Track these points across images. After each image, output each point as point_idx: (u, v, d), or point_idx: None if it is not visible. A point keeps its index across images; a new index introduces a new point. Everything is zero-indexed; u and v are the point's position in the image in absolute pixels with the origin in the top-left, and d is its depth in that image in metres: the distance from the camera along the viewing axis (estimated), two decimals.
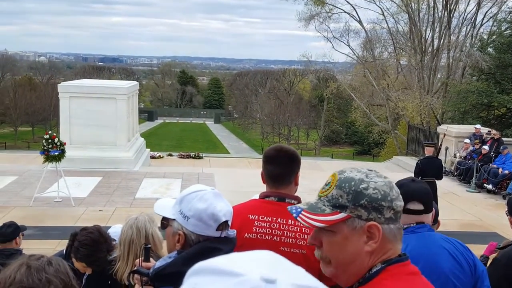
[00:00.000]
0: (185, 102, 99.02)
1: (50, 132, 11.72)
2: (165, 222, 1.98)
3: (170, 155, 22.27)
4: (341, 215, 1.37)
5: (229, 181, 14.29)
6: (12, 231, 4.83)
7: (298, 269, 0.80)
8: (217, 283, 0.73)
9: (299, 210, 1.44)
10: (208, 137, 66.44)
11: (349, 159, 42.76)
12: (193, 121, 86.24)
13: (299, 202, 2.71)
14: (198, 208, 1.86)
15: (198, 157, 20.65)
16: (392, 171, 18.13)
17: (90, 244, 3.34)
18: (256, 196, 2.82)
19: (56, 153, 11.18)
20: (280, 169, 2.68)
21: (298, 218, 1.42)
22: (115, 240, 3.57)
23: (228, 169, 17.10)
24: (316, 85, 72.06)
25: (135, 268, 1.99)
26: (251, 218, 2.61)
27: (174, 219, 1.92)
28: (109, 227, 4.02)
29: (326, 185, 1.44)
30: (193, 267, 0.79)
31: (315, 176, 14.89)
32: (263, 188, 2.90)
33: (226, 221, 1.89)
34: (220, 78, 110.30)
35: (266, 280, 0.72)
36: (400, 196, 1.44)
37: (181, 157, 20.83)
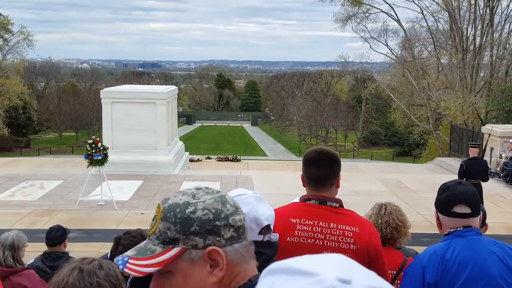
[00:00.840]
0: (222, 105, 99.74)
1: (93, 137, 12.00)
2: None
3: (209, 158, 22.46)
4: (174, 250, 1.18)
5: (267, 184, 14.29)
6: (61, 234, 4.95)
7: (369, 271, 0.80)
8: (293, 282, 0.74)
9: (125, 259, 1.22)
10: (246, 140, 66.67)
11: (389, 161, 42.11)
12: (230, 124, 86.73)
13: (341, 204, 2.69)
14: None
15: (236, 160, 20.75)
16: (435, 172, 17.74)
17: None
18: (297, 199, 2.81)
19: (99, 158, 11.44)
20: (322, 172, 2.66)
21: (125, 270, 1.19)
22: None
23: (266, 172, 17.10)
24: (354, 86, 71.33)
25: None
26: (292, 221, 2.60)
27: None
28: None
29: (153, 219, 1.26)
30: (268, 267, 0.81)
31: (355, 178, 14.75)
32: (302, 191, 2.88)
33: (269, 225, 1.89)
34: (256, 81, 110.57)
35: (342, 280, 0.73)
36: (240, 209, 1.26)
37: (219, 160, 20.98)
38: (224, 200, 1.26)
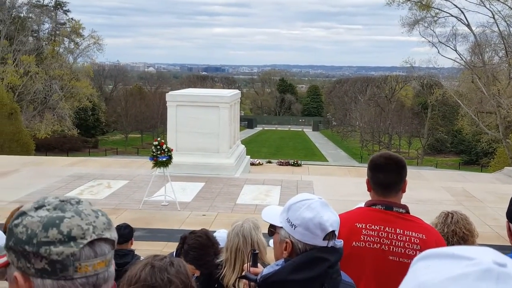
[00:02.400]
0: (283, 109, 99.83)
1: (158, 139, 12.36)
2: (273, 230, 2.03)
3: (269, 162, 22.54)
4: (3, 259, 1.16)
5: (328, 189, 14.18)
6: (128, 232, 5.14)
7: None
8: (450, 264, 0.77)
9: None
10: (307, 145, 66.39)
11: (454, 169, 40.68)
12: (291, 129, 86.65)
13: (407, 211, 2.67)
14: (305, 217, 1.89)
15: (297, 164, 20.71)
16: (504, 183, 17.00)
17: (198, 247, 3.47)
18: (361, 205, 2.80)
19: (164, 159, 11.77)
20: (390, 177, 2.64)
21: None
22: (219, 244, 3.69)
23: (327, 178, 16.97)
24: (419, 92, 69.41)
25: (244, 274, 2.06)
26: (358, 226, 2.61)
27: (281, 227, 1.97)
28: (213, 231, 4.16)
29: None
30: (421, 253, 0.83)
31: (419, 186, 14.37)
32: (364, 197, 2.86)
33: (333, 231, 1.90)
34: (319, 86, 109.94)
35: (499, 264, 0.75)
36: (74, 242, 1.09)
37: (280, 164, 21.01)
38: (53, 224, 1.10)
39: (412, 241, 2.52)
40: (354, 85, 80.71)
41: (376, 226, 2.58)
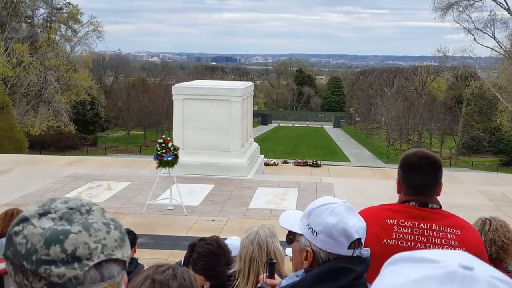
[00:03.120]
0: (301, 104, 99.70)
1: (164, 136, 12.41)
2: (292, 237, 2.03)
3: (285, 162, 22.54)
4: (3, 264, 1.15)
5: (350, 193, 14.14)
6: (132, 239, 5.17)
7: (491, 266, 0.88)
8: (416, 268, 0.82)
9: None
10: (327, 143, 66.26)
11: (492, 171, 40.32)
12: (310, 125, 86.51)
13: (441, 207, 2.68)
14: (328, 223, 1.89)
15: (316, 165, 20.70)
16: None
17: (209, 256, 3.48)
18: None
19: (170, 158, 11.83)
20: (425, 178, 2.63)
21: None
22: (232, 253, 3.70)
23: (350, 180, 16.92)
24: (453, 84, 68.90)
25: (259, 286, 2.07)
26: (389, 222, 2.60)
27: (301, 234, 1.97)
28: (224, 238, 4.17)
29: None
30: (390, 258, 0.89)
31: (453, 190, 14.26)
32: (390, 200, 2.86)
33: (359, 239, 1.89)
34: (340, 77, 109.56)
35: (464, 267, 0.80)
36: (80, 264, 1.06)
37: (297, 165, 21.01)
38: (56, 240, 1.06)
39: (449, 237, 2.54)
40: (380, 77, 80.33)
41: (409, 223, 2.57)
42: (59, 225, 1.08)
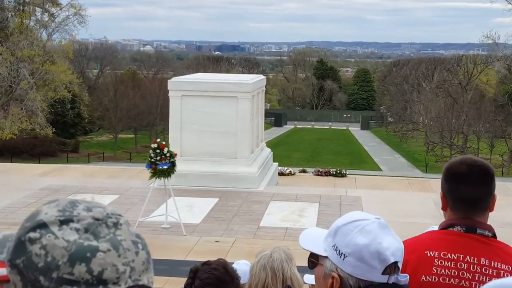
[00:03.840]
0: (322, 101, 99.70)
1: (158, 140, 12.46)
2: (314, 260, 2.02)
3: (304, 171, 22.53)
4: (4, 270, 1.17)
5: (381, 208, 14.09)
6: None
7: None
8: None
9: None
10: (353, 148, 66.16)
11: None
12: (332, 127, 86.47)
13: (494, 234, 2.63)
14: (358, 243, 1.87)
15: (340, 174, 20.66)
16: None
17: (214, 283, 3.46)
18: (435, 228, 2.77)
19: (165, 167, 11.85)
20: (475, 191, 2.59)
21: None
22: (241, 279, 3.70)
23: (381, 192, 16.89)
24: (505, 77, 68.61)
25: None
26: (429, 255, 2.58)
27: (326, 257, 1.96)
28: (231, 263, 4.16)
29: None
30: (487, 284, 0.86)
31: (505, 204, 14.18)
32: (431, 218, 2.88)
33: (396, 263, 1.87)
34: (369, 69, 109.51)
35: None
36: (98, 282, 1.08)
37: (317, 174, 20.99)
38: (82, 257, 1.07)
39: (502, 275, 2.48)
40: (417, 69, 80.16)
41: (453, 255, 2.54)
42: (85, 240, 1.09)
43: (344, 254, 1.90)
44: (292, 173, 21.17)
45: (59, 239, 1.08)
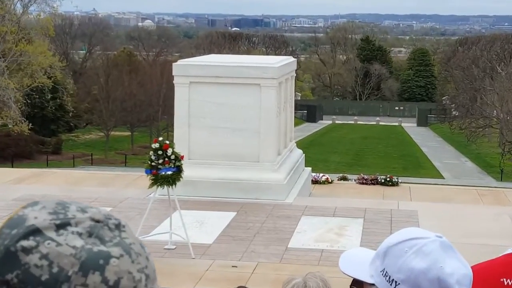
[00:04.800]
0: (368, 90, 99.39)
1: (160, 139, 12.46)
2: None
3: (344, 178, 22.45)
4: None
5: (444, 225, 14.00)
6: None
7: None
8: None
9: None
10: (408, 150, 65.85)
11: None
12: (381, 123, 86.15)
13: None
14: (414, 267, 1.88)
15: (390, 183, 20.57)
16: None
17: None
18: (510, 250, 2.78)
19: (169, 172, 11.86)
20: None
21: None
22: None
23: (443, 206, 16.78)
24: None
25: None
26: (506, 283, 2.61)
27: (373, 285, 1.97)
28: None
29: None
30: None
31: None
32: (507, 238, 2.87)
33: None
34: (429, 50, 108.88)
35: None
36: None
37: (362, 183, 20.92)
38: (95, 265, 1.12)
39: None
40: (490, 48, 79.57)
41: None
42: (93, 245, 1.13)
43: (395, 282, 1.90)
44: (330, 180, 21.09)
45: (63, 245, 1.11)
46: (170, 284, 10.79)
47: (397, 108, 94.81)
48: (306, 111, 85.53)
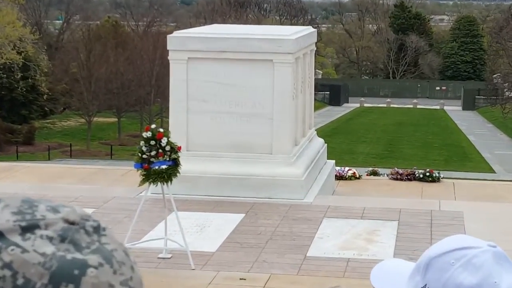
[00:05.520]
0: (403, 67, 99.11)
1: (152, 126, 12.48)
2: None
3: (375, 173, 22.43)
4: None
5: (495, 229, 14.01)
6: None
7: None
8: None
9: None
10: (451, 138, 65.70)
11: None
12: (419, 106, 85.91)
13: None
14: (462, 283, 1.87)
15: (430, 178, 20.55)
16: None
17: None
18: None
19: (164, 167, 11.89)
20: None
21: None
22: None
23: (493, 205, 16.78)
24: None
25: None
26: None
27: None
28: None
29: None
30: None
31: None
32: None
33: None
34: (477, 17, 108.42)
35: None
36: None
37: (396, 178, 20.90)
38: (69, 276, 1.11)
39: None
40: None
41: None
42: (66, 252, 1.10)
43: None
44: (357, 176, 21.07)
45: (30, 252, 1.09)
46: None
47: (438, 88, 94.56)
48: (328, 93, 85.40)
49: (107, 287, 1.09)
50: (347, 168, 21.29)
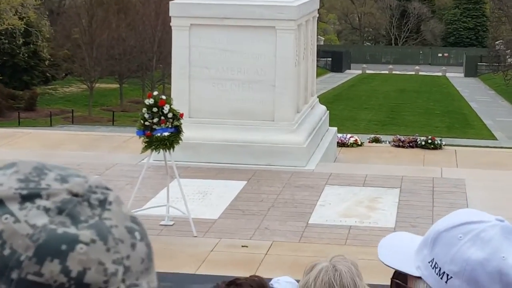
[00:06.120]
0: (405, 33, 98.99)
1: (155, 93, 12.46)
2: (401, 283, 2.01)
3: (376, 140, 22.47)
4: None
5: (496, 197, 14.01)
6: None
7: None
8: None
9: None
10: (453, 105, 65.77)
11: None
12: (421, 72, 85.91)
13: None
14: (470, 258, 1.85)
15: (432, 145, 20.58)
16: None
17: None
18: None
19: (166, 134, 11.87)
20: None
21: None
22: None
23: (495, 173, 16.79)
24: None
25: None
26: None
27: (419, 278, 1.95)
28: (269, 279, 4.18)
29: None
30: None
31: None
32: None
33: None
34: None
35: None
36: (78, 287, 1.08)
37: (398, 145, 20.93)
38: (55, 251, 1.07)
39: None
40: None
41: None
42: (59, 225, 1.07)
43: (447, 275, 1.88)
44: (359, 143, 21.10)
45: (21, 223, 1.06)
46: (168, 268, 10.84)
47: (440, 54, 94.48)
48: (330, 59, 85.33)
49: (96, 265, 1.05)
50: (349, 135, 21.31)
